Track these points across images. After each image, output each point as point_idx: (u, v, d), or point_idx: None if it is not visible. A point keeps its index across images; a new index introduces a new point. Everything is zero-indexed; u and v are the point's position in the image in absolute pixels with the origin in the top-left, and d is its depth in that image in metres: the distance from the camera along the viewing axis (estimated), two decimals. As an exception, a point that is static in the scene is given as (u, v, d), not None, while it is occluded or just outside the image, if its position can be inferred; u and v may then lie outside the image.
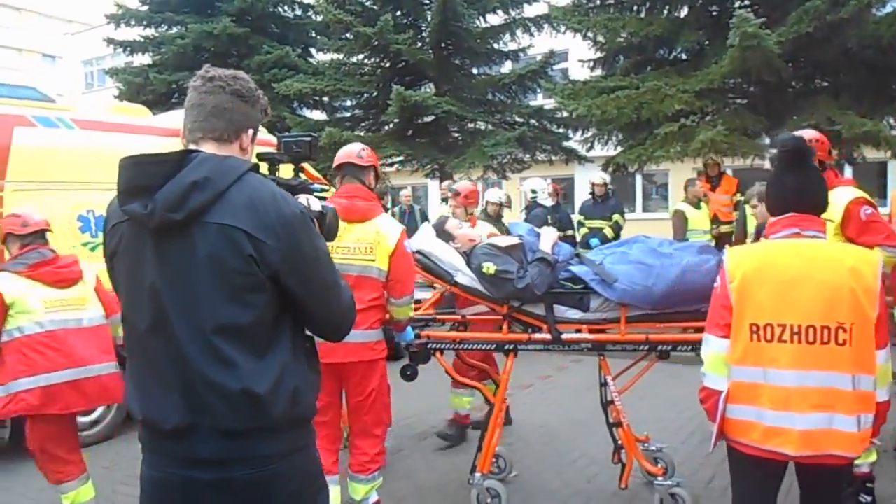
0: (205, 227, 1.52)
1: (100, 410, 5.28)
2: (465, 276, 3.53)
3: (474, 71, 13.59)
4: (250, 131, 1.71)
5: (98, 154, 5.32)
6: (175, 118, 6.47)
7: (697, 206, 8.14)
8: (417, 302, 3.62)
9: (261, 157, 1.90)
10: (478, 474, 3.60)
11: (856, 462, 2.95)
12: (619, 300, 3.32)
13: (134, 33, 15.86)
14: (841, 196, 3.31)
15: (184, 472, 1.57)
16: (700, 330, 3.34)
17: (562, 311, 3.47)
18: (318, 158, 7.61)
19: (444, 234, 3.74)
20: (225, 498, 1.58)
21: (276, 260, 1.55)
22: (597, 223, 9.05)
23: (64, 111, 5.51)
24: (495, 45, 13.25)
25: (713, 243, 7.60)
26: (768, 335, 2.15)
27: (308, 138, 2.18)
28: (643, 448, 3.82)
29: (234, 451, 1.56)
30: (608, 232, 8.89)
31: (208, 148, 1.63)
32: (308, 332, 1.74)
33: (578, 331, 3.46)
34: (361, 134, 12.63)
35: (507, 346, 3.56)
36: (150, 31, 15.79)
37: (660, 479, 3.46)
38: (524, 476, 4.24)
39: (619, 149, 10.96)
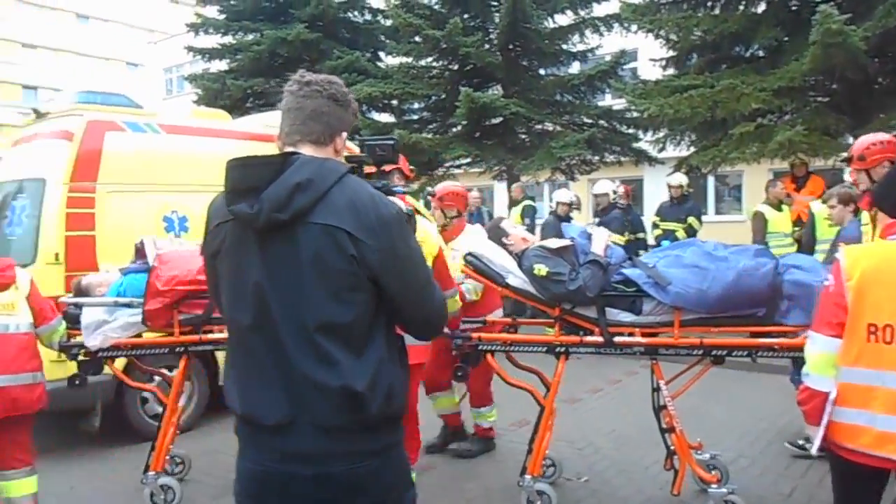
0: (309, 227, 1.56)
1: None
2: (517, 278, 3.57)
3: (542, 72, 13.50)
4: (343, 134, 1.75)
5: (182, 157, 5.62)
6: (253, 122, 6.79)
7: (779, 208, 7.77)
8: None
9: (349, 159, 1.97)
10: (528, 476, 3.61)
11: None
12: (673, 303, 3.28)
13: (212, 41, 16.49)
14: None
15: (283, 466, 1.62)
16: (757, 335, 3.30)
17: (614, 314, 3.45)
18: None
19: (497, 231, 3.77)
20: (324, 492, 1.61)
21: (375, 260, 1.58)
22: (671, 225, 8.86)
23: (151, 116, 5.81)
24: (563, 46, 13.13)
25: (795, 247, 7.28)
26: (888, 336, 2.09)
27: (391, 142, 2.23)
28: (696, 455, 3.74)
29: (333, 447, 1.60)
30: (680, 235, 8.67)
31: (306, 150, 1.67)
32: (399, 332, 1.77)
33: (631, 334, 3.44)
34: (429, 136, 12.77)
35: (558, 349, 3.57)
36: (228, 39, 16.38)
37: (714, 486, 3.40)
38: (595, 482, 4.22)
39: (692, 149, 10.67)
